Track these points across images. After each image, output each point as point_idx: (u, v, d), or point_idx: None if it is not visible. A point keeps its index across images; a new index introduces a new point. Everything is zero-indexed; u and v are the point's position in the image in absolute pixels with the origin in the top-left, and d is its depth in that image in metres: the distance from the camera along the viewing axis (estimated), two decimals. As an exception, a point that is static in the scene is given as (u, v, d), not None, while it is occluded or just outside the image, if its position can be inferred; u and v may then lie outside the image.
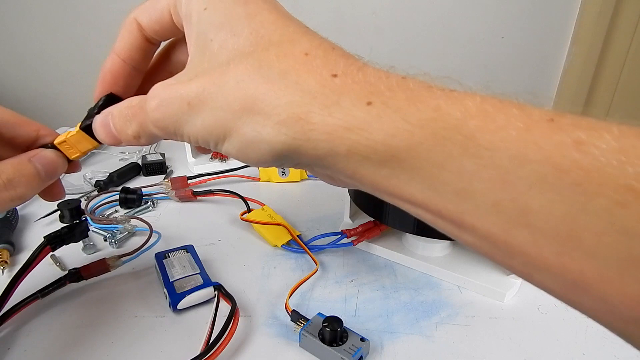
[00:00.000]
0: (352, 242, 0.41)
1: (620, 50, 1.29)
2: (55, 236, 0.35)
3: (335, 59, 0.17)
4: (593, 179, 0.12)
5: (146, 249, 0.39)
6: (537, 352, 0.30)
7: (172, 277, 0.35)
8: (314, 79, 0.17)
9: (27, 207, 0.50)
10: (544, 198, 0.13)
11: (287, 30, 0.18)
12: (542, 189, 0.13)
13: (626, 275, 0.12)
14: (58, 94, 1.38)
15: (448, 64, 1.33)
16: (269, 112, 0.17)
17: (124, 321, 0.33)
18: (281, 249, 0.42)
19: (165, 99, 0.19)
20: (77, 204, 0.39)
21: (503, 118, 0.14)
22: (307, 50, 0.18)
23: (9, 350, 0.30)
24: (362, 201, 0.41)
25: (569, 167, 0.13)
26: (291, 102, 0.17)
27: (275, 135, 0.17)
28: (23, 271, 0.32)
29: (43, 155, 0.23)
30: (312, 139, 0.17)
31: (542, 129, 0.14)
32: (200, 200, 0.52)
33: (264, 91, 0.17)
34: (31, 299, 0.33)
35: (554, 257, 0.13)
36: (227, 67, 0.18)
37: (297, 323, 0.31)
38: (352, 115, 0.16)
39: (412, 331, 0.32)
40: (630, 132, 0.13)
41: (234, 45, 0.18)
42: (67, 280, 0.35)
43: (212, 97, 0.18)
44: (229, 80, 0.18)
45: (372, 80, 0.16)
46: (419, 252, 0.40)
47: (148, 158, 0.61)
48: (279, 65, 0.17)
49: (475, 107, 0.15)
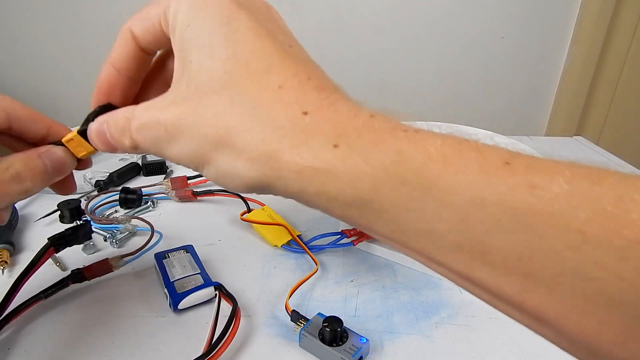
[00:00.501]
0: (352, 242, 0.41)
1: (620, 50, 1.29)
2: (59, 238, 0.35)
3: (308, 92, 0.18)
4: (546, 223, 0.13)
5: (148, 248, 0.39)
6: (537, 352, 0.30)
7: (173, 277, 0.35)
8: (285, 116, 0.17)
9: (27, 207, 0.50)
10: (502, 239, 0.14)
11: (264, 57, 0.18)
12: (499, 231, 0.14)
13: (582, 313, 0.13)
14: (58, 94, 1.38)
15: (448, 64, 1.33)
16: (242, 147, 0.17)
17: (125, 321, 0.33)
18: (281, 249, 0.42)
19: (145, 123, 0.20)
20: (77, 204, 0.39)
21: (461, 162, 0.15)
22: (282, 82, 0.18)
23: (9, 350, 0.30)
24: None
25: (523, 211, 0.13)
26: (263, 139, 0.17)
27: (248, 170, 0.18)
28: (27, 272, 0.32)
29: (52, 152, 0.24)
30: (282, 176, 0.17)
31: (498, 172, 0.14)
32: (200, 200, 0.52)
33: (237, 125, 0.17)
34: (34, 300, 0.33)
35: (514, 294, 0.14)
36: (203, 96, 0.18)
37: (297, 323, 0.31)
38: (320, 157, 0.16)
39: (412, 331, 0.32)
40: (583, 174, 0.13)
41: (212, 69, 0.18)
42: (70, 281, 0.35)
43: (189, 127, 0.18)
44: (205, 111, 0.18)
45: (341, 120, 0.17)
46: None
47: (148, 158, 0.61)
48: (252, 99, 0.18)
49: (435, 151, 0.15)
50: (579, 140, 0.77)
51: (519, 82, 1.36)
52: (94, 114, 0.23)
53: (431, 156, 0.15)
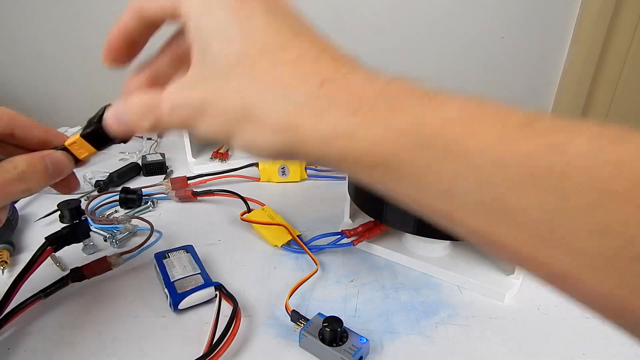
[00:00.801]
0: (352, 243, 0.41)
1: (620, 50, 1.29)
2: (56, 237, 0.35)
3: (324, 63, 0.19)
4: (568, 181, 0.13)
5: (147, 246, 0.39)
6: (537, 352, 0.30)
7: (173, 277, 0.35)
8: (303, 87, 0.18)
9: (27, 207, 0.50)
10: (523, 198, 0.14)
11: (279, 36, 0.19)
12: (521, 190, 0.14)
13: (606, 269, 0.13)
14: (58, 94, 1.38)
15: (448, 64, 1.33)
16: (265, 120, 0.19)
17: (125, 321, 0.33)
18: (281, 249, 0.42)
19: (176, 105, 0.21)
20: (77, 204, 0.39)
21: (481, 124, 0.15)
22: (297, 56, 0.19)
23: (9, 350, 0.30)
24: (362, 201, 0.41)
25: (545, 170, 0.13)
26: (283, 110, 0.18)
27: (271, 141, 0.19)
28: (25, 272, 0.32)
29: (53, 155, 0.26)
30: (305, 144, 0.18)
31: (518, 133, 0.14)
32: (200, 200, 0.52)
33: (259, 100, 0.19)
34: (34, 299, 0.33)
35: (535, 252, 0.14)
36: (225, 76, 0.20)
37: (297, 323, 0.31)
38: (339, 123, 0.17)
39: (412, 331, 0.32)
40: (604, 133, 0.13)
41: (230, 51, 0.20)
42: (70, 280, 0.35)
43: (213, 106, 0.20)
44: (227, 90, 0.20)
45: (358, 88, 0.18)
46: (419, 252, 0.40)
47: (148, 158, 0.61)
48: (272, 73, 0.19)
49: (454, 114, 0.16)
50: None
51: (519, 82, 1.36)
52: (97, 116, 0.24)
53: (450, 119, 0.15)
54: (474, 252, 0.40)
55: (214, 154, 0.61)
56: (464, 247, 0.41)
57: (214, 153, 0.61)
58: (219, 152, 0.62)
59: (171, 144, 0.71)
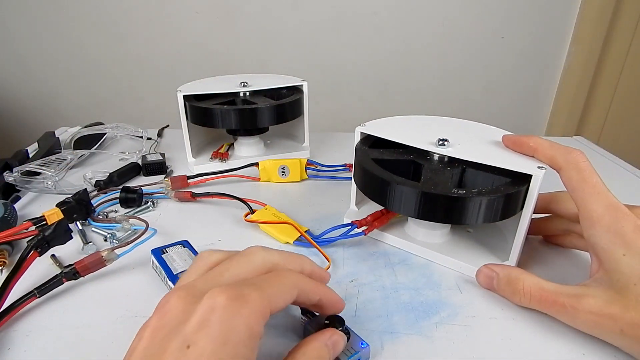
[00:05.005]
0: (364, 232, 0.42)
1: (620, 50, 1.29)
2: (38, 241, 0.34)
3: None
4: None
5: (142, 241, 0.39)
6: (537, 352, 0.30)
7: (176, 270, 0.35)
8: None
9: (26, 207, 0.50)
10: None
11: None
12: None
13: None
14: (58, 94, 1.38)
15: (448, 64, 1.33)
16: None
17: (125, 321, 0.33)
18: (293, 245, 0.42)
19: (596, 318, 0.28)
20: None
21: None
22: None
23: (9, 350, 0.30)
24: (367, 188, 0.41)
25: None
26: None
27: None
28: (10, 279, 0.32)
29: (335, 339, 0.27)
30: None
31: None
32: (200, 200, 0.52)
33: None
34: (28, 297, 0.33)
35: None
36: None
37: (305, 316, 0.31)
38: None
39: (412, 331, 0.32)
40: None
41: None
42: (64, 278, 0.35)
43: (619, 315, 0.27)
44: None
45: None
46: (420, 239, 0.42)
47: (148, 158, 0.61)
48: None
49: None
50: (579, 140, 0.77)
51: (519, 82, 1.36)
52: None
53: None
54: (472, 239, 0.42)
55: (214, 154, 0.61)
56: (462, 234, 0.43)
57: (214, 153, 0.61)
58: (219, 152, 0.62)
59: (171, 144, 0.71)
